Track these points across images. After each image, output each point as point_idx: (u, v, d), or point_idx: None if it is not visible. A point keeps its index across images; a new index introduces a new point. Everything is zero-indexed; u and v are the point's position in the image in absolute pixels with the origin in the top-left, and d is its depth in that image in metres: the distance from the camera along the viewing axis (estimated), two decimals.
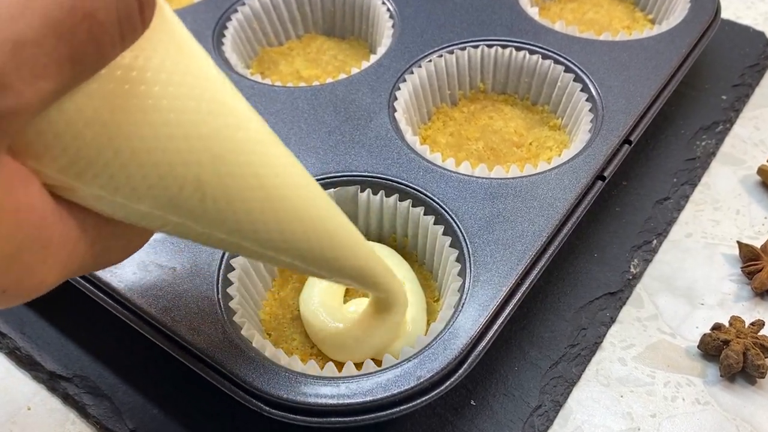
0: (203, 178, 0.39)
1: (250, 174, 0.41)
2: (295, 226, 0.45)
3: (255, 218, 0.42)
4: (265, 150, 0.43)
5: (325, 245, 0.47)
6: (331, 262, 0.49)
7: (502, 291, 0.59)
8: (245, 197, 0.41)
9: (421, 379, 0.54)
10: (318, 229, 0.46)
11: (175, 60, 0.38)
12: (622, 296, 0.71)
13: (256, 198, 0.42)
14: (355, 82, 0.79)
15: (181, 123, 0.37)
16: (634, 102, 0.75)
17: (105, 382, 0.66)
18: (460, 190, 0.67)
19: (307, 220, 0.45)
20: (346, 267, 0.50)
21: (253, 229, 0.43)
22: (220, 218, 0.41)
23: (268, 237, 0.44)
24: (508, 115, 0.81)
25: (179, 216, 0.40)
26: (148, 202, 0.38)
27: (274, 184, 0.43)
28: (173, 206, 0.39)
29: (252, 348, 0.57)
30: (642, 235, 0.76)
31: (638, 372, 0.66)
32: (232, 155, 0.40)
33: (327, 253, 0.48)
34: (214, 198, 0.40)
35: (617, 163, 0.71)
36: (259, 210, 0.42)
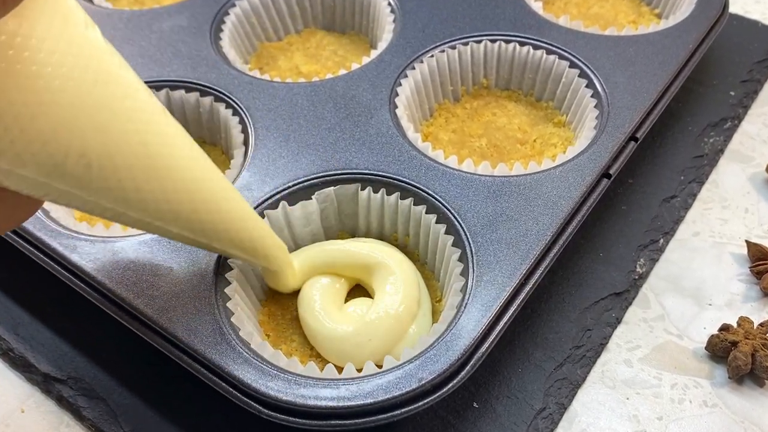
0: (88, 145, 0.39)
1: (136, 142, 0.42)
2: (182, 196, 0.46)
3: (141, 187, 0.43)
4: (153, 119, 0.44)
5: (215, 217, 0.49)
6: (221, 233, 0.50)
7: (506, 291, 0.59)
8: (131, 165, 0.42)
9: (423, 381, 0.54)
10: (207, 200, 0.48)
11: (61, 29, 0.38)
12: (628, 296, 0.71)
13: (142, 166, 0.43)
14: (355, 78, 0.79)
15: (65, 90, 0.38)
16: (641, 98, 0.75)
17: (100, 384, 0.66)
18: (463, 188, 0.67)
19: (195, 190, 0.47)
20: (238, 239, 0.52)
21: (139, 198, 0.44)
22: (106, 186, 0.42)
23: (155, 207, 0.45)
24: (512, 111, 0.81)
25: (65, 183, 0.40)
26: (32, 169, 0.38)
27: (161, 152, 0.44)
28: (58, 174, 0.39)
29: (250, 349, 0.57)
30: (648, 234, 0.75)
31: (644, 374, 0.66)
32: (118, 124, 0.41)
33: (218, 225, 0.49)
34: (100, 166, 0.40)
35: (623, 161, 0.71)
36: (144, 179, 0.43)
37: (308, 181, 0.68)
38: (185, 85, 0.78)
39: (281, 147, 0.71)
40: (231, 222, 0.50)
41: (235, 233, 0.51)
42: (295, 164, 0.69)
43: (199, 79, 0.79)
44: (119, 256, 0.62)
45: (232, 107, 0.76)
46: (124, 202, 0.43)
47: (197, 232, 0.49)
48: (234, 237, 0.51)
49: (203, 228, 0.49)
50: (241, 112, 0.75)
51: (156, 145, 0.43)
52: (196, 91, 0.78)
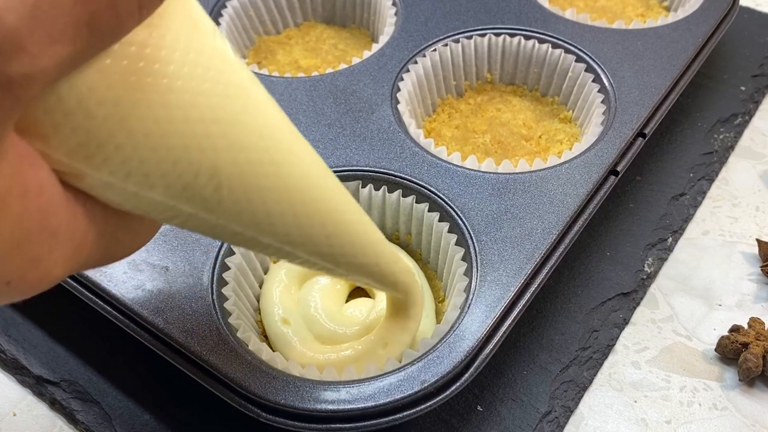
0: (219, 164, 0.38)
1: (267, 161, 0.41)
2: (313, 219, 0.44)
3: (271, 209, 0.42)
4: (283, 137, 0.42)
5: (344, 240, 0.47)
6: (350, 258, 0.48)
7: (511, 291, 0.59)
8: (262, 186, 0.41)
9: (426, 384, 0.54)
10: (337, 222, 0.46)
11: (190, 38, 0.37)
12: (636, 297, 0.71)
13: (273, 187, 0.41)
14: (356, 73, 0.79)
15: (197, 105, 0.36)
16: (649, 93, 0.75)
17: (94, 386, 0.66)
18: (466, 186, 0.67)
19: (325, 212, 0.45)
20: (365, 264, 0.50)
21: (269, 222, 0.42)
22: (235, 209, 0.40)
23: (285, 230, 0.43)
24: (517, 107, 0.81)
25: (193, 206, 0.39)
26: (161, 191, 0.37)
27: (292, 173, 0.42)
28: (187, 195, 0.38)
29: (248, 351, 0.57)
30: (657, 233, 0.75)
31: (653, 376, 0.66)
32: (250, 141, 0.39)
33: (346, 248, 0.47)
34: (230, 187, 0.39)
35: (631, 158, 0.71)
36: (275, 200, 0.42)
37: None
38: None
39: None
40: (361, 246, 0.49)
41: (363, 258, 0.49)
42: None
43: None
44: None
45: None
46: (253, 226, 0.42)
47: (326, 257, 0.47)
48: (362, 262, 0.49)
49: (332, 253, 0.47)
50: None
51: (287, 165, 0.42)
52: None
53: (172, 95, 0.35)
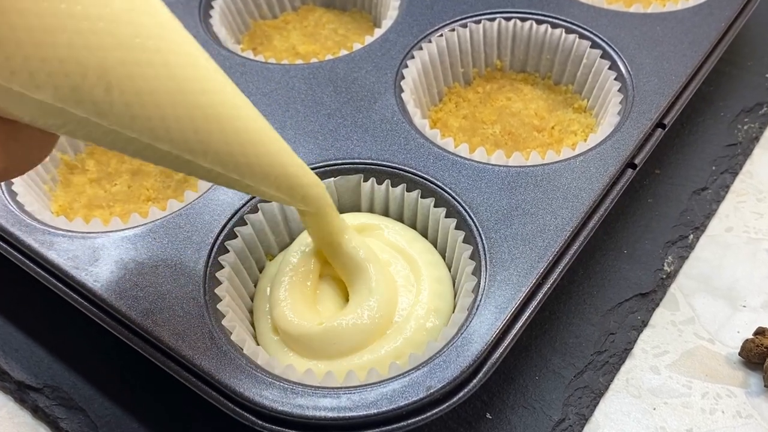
0: (108, 64, 0.39)
1: (159, 62, 0.42)
2: (211, 124, 0.45)
3: (166, 113, 0.43)
4: (176, 38, 0.43)
5: (248, 148, 0.48)
6: (254, 168, 0.50)
7: (522, 292, 0.59)
8: (155, 88, 0.42)
9: (431, 390, 0.54)
10: (238, 129, 0.47)
11: None
12: (655, 297, 0.71)
13: (167, 90, 0.42)
14: (357, 60, 0.78)
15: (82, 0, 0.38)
16: (669, 81, 0.75)
17: (79, 393, 0.65)
18: (475, 180, 0.66)
19: (225, 117, 0.46)
20: (271, 174, 0.51)
21: (165, 126, 0.43)
22: (128, 113, 0.41)
23: (182, 136, 0.44)
24: (528, 95, 0.81)
25: (83, 110, 0.40)
26: (49, 92, 0.38)
27: (186, 75, 0.43)
28: (76, 98, 0.39)
29: (243, 355, 0.57)
30: (677, 230, 0.75)
31: (673, 382, 0.66)
32: (139, 40, 0.40)
33: (250, 156, 0.49)
34: (120, 89, 0.40)
35: (649, 150, 0.71)
36: (170, 103, 0.43)
37: None
38: None
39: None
40: (265, 156, 0.50)
41: (269, 167, 0.51)
42: None
43: None
44: (100, 254, 0.62)
45: None
46: (149, 132, 0.43)
47: (229, 166, 0.48)
48: (268, 172, 0.51)
49: (236, 161, 0.48)
50: None
51: (180, 66, 0.43)
52: None
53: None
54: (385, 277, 0.61)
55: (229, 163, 0.48)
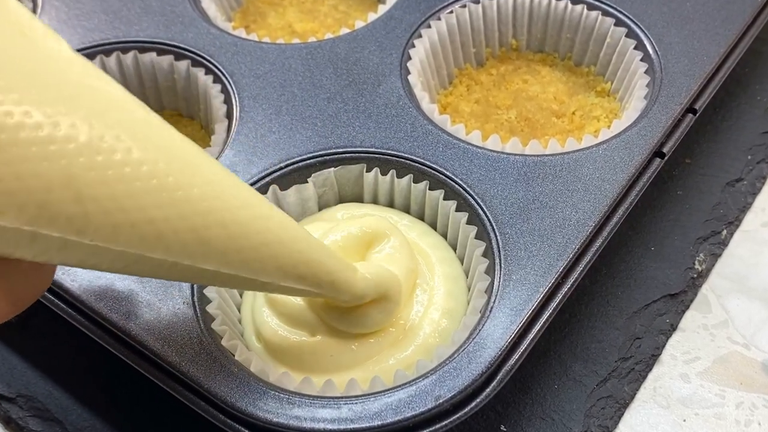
0: (74, 172, 0.38)
1: (135, 160, 0.41)
2: (208, 220, 0.44)
3: (152, 215, 0.42)
4: (144, 129, 0.43)
5: (254, 238, 0.47)
6: (266, 261, 0.48)
7: (539, 292, 0.59)
8: (133, 191, 0.41)
9: (441, 400, 0.54)
10: (243, 222, 0.46)
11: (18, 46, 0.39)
12: (685, 299, 0.71)
13: (148, 190, 0.41)
14: (359, 39, 0.78)
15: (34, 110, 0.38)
16: (700, 62, 0.74)
17: (55, 403, 0.65)
18: (488, 170, 0.66)
19: (219, 209, 0.45)
20: (287, 264, 0.49)
21: (155, 233, 0.42)
22: (108, 222, 0.40)
23: (176, 238, 0.43)
24: (546, 78, 0.81)
25: (57, 229, 0.39)
26: (12, 215, 0.37)
27: (170, 170, 0.42)
28: (45, 216, 0.38)
29: (234, 362, 0.56)
30: (709, 225, 0.75)
31: (705, 391, 0.66)
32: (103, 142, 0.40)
33: (260, 248, 0.47)
34: (92, 196, 0.39)
35: (679, 137, 0.70)
36: (153, 204, 0.42)
37: (304, 161, 0.68)
38: (157, 47, 0.78)
39: (271, 121, 0.71)
40: (279, 244, 0.48)
41: (285, 258, 0.49)
42: (288, 141, 0.69)
43: (173, 39, 0.78)
44: None
45: (213, 73, 0.76)
46: (138, 240, 0.42)
47: (238, 265, 0.47)
48: (285, 263, 0.49)
49: (243, 258, 0.47)
50: (224, 78, 0.75)
51: (160, 161, 0.42)
52: (170, 54, 0.78)
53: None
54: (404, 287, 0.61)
55: (237, 261, 0.47)
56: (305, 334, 0.59)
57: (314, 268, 0.51)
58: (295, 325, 0.59)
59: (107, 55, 0.77)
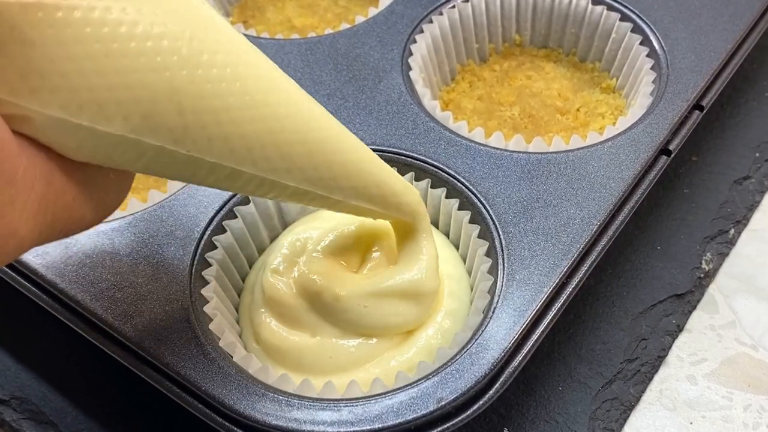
0: (176, 84, 0.40)
1: (229, 77, 0.43)
2: (291, 136, 0.47)
3: (245, 131, 0.44)
4: (243, 49, 0.45)
5: (333, 159, 0.50)
6: (340, 179, 0.51)
7: (543, 293, 0.59)
8: (229, 105, 0.43)
9: (443, 402, 0.54)
10: (319, 138, 0.49)
11: None
12: (692, 299, 0.70)
13: (241, 105, 0.44)
14: (360, 34, 0.78)
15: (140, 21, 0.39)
16: (707, 58, 0.74)
17: (49, 405, 0.65)
18: (491, 168, 0.66)
19: (303, 127, 0.48)
20: (361, 186, 0.53)
21: (245, 146, 0.45)
22: (204, 135, 0.43)
23: (263, 155, 0.46)
24: (551, 74, 0.81)
25: (157, 137, 0.41)
26: (119, 123, 0.39)
27: (258, 87, 0.45)
28: (149, 125, 0.40)
29: (232, 363, 0.56)
30: (716, 224, 0.75)
31: (712, 393, 0.66)
32: (204, 56, 0.42)
33: (336, 168, 0.50)
34: (193, 109, 0.41)
35: (686, 134, 0.70)
36: (247, 119, 0.44)
37: None
38: None
39: None
40: (351, 164, 0.52)
41: (357, 178, 0.52)
42: None
43: None
44: (73, 250, 0.62)
45: None
46: (229, 153, 0.44)
47: (315, 182, 0.50)
48: (357, 184, 0.52)
49: (321, 176, 0.50)
50: None
51: (252, 78, 0.45)
52: None
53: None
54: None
55: (315, 178, 0.50)
56: (305, 335, 0.59)
57: (383, 189, 0.54)
58: (294, 326, 0.59)
59: None
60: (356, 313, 0.58)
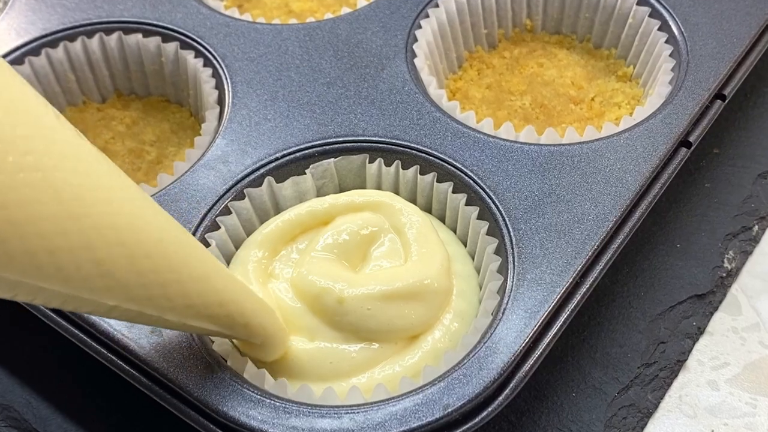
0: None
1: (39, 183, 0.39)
2: (114, 252, 0.43)
3: (55, 246, 0.40)
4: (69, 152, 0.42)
5: (166, 277, 0.46)
6: (176, 301, 0.47)
7: (556, 293, 0.59)
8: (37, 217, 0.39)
9: (450, 409, 0.54)
10: (151, 253, 0.45)
11: None
12: (714, 300, 0.70)
13: (53, 215, 0.40)
14: (362, 19, 0.78)
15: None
16: (729, 45, 0.74)
17: (34, 413, 0.65)
18: (500, 160, 0.66)
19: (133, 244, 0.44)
20: (198, 304, 0.49)
21: (53, 262, 0.40)
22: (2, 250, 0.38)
23: (80, 274, 0.42)
24: (564, 61, 0.81)
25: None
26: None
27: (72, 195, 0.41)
28: None
29: (227, 368, 0.56)
30: (739, 220, 0.75)
31: (734, 399, 0.66)
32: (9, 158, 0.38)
33: (170, 286, 0.46)
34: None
35: (707, 125, 0.70)
36: (58, 232, 0.40)
37: (301, 151, 0.68)
38: (143, 28, 0.78)
39: (266, 107, 0.71)
40: (189, 281, 0.48)
41: (197, 297, 0.49)
42: (285, 129, 0.69)
43: (161, 19, 0.78)
44: None
45: (204, 56, 0.75)
46: (35, 270, 0.40)
47: (143, 301, 0.46)
48: (196, 302, 0.49)
49: (150, 295, 0.46)
50: (215, 62, 0.75)
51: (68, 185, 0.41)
52: (157, 36, 0.77)
53: None
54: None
55: (143, 298, 0.46)
56: (303, 340, 0.58)
57: (229, 308, 0.51)
58: (291, 329, 0.59)
59: (89, 36, 0.77)
60: (359, 316, 0.58)
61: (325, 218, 0.64)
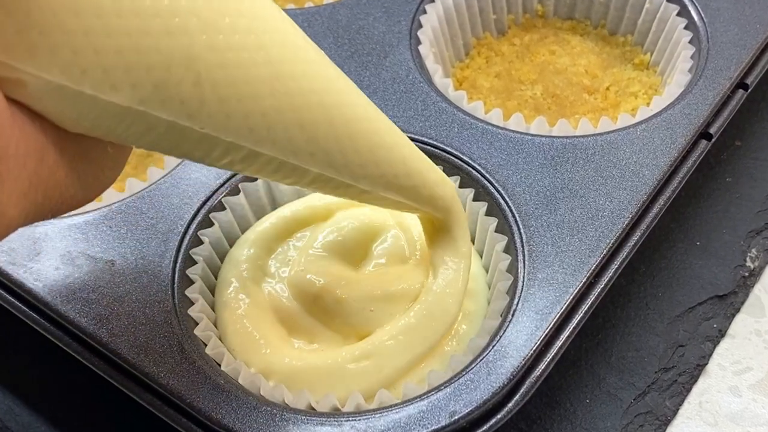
0: (195, 51, 0.39)
1: (253, 45, 0.42)
2: (317, 114, 0.46)
3: (266, 107, 0.43)
4: (268, 14, 0.44)
5: (361, 143, 0.49)
6: (370, 169, 0.50)
7: (569, 293, 0.59)
8: (251, 77, 0.42)
9: (456, 416, 0.53)
10: (347, 118, 0.48)
11: None
12: (735, 301, 0.70)
13: (265, 78, 0.43)
14: (364, 4, 0.78)
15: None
16: (752, 31, 0.74)
17: (16, 420, 0.65)
18: (510, 153, 0.66)
19: (331, 105, 0.47)
20: (390, 174, 0.51)
21: (266, 125, 0.44)
22: (222, 111, 0.42)
23: (286, 136, 0.45)
24: (577, 48, 0.81)
25: (169, 111, 0.40)
26: (127, 93, 0.38)
27: (284, 58, 0.44)
28: (160, 97, 0.39)
29: (220, 372, 0.56)
30: (763, 216, 0.75)
31: (757, 406, 0.66)
32: (228, 20, 0.41)
33: (364, 154, 0.49)
34: (212, 80, 0.40)
35: (728, 116, 0.70)
36: (270, 94, 0.43)
37: None
38: None
39: None
40: (381, 150, 0.51)
41: (387, 166, 0.51)
42: None
43: None
44: (42, 246, 0.62)
45: None
46: (248, 132, 0.44)
47: (341, 168, 0.49)
48: (386, 171, 0.51)
49: (347, 162, 0.49)
50: None
51: (277, 47, 0.44)
52: None
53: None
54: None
55: (340, 163, 0.49)
56: (302, 343, 0.58)
57: (415, 179, 0.53)
58: (288, 331, 0.59)
59: None
60: (361, 317, 0.57)
61: (324, 214, 0.64)
